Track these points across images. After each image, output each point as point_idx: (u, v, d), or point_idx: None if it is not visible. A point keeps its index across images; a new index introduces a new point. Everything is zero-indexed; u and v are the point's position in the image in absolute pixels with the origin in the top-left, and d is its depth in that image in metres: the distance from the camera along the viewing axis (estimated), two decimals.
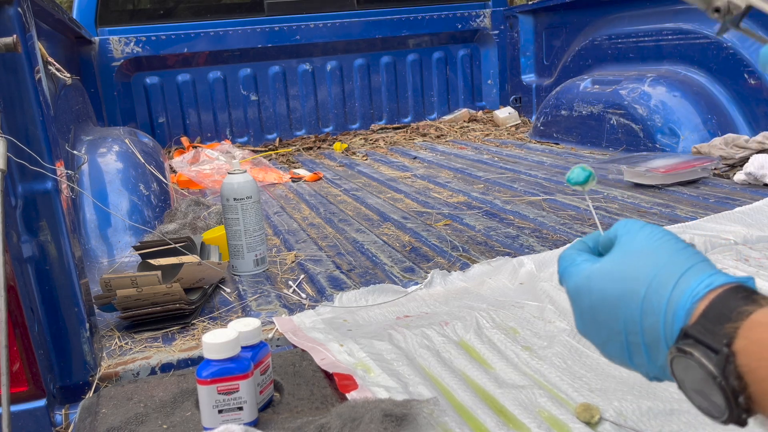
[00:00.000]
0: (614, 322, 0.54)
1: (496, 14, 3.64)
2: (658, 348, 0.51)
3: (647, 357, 0.53)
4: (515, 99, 3.69)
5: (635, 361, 0.54)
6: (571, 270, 0.59)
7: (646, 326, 0.52)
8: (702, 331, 0.47)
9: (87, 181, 1.77)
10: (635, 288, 0.52)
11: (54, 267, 0.97)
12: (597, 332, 0.57)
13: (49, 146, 0.95)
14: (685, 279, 0.51)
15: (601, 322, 0.55)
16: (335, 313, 1.21)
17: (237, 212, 1.44)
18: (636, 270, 0.53)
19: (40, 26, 1.70)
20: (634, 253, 0.55)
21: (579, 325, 0.60)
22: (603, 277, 0.56)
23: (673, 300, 0.50)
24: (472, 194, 2.10)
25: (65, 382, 1.01)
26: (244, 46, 3.28)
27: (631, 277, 0.53)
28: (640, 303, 0.52)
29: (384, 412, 0.77)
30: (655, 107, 2.42)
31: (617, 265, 0.55)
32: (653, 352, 0.52)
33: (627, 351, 0.54)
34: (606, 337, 0.56)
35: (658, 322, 0.51)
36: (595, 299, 0.56)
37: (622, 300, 0.53)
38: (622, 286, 0.53)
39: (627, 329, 0.53)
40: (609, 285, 0.54)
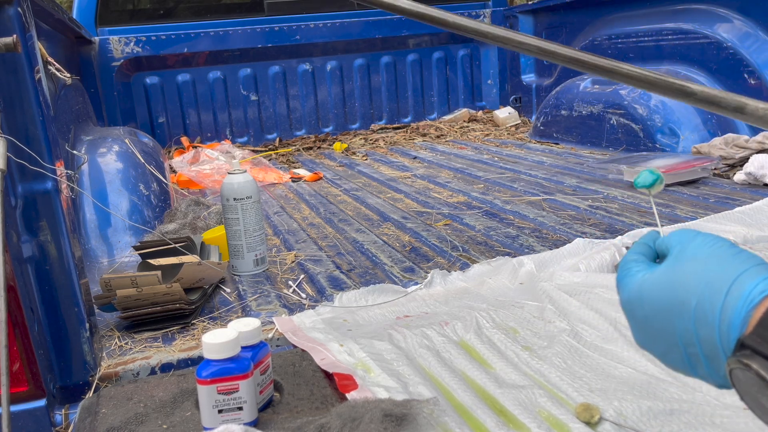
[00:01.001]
0: (670, 334, 0.52)
1: (496, 14, 3.64)
2: (718, 359, 0.49)
3: (708, 368, 0.51)
4: (515, 99, 3.69)
5: (699, 372, 0.52)
6: (625, 281, 0.57)
7: (702, 337, 0.49)
8: (759, 342, 0.45)
9: (87, 181, 1.77)
10: (686, 298, 0.50)
11: (54, 267, 0.97)
12: (655, 344, 0.55)
13: (49, 146, 0.95)
14: (737, 285, 0.48)
15: (657, 334, 0.53)
16: (335, 313, 1.21)
17: (237, 212, 1.44)
18: (687, 278, 0.51)
19: (40, 26, 1.70)
20: (686, 261, 0.53)
21: (636, 337, 0.58)
22: (654, 287, 0.53)
23: (727, 308, 0.48)
24: (472, 194, 2.10)
25: (65, 382, 1.01)
26: (244, 46, 3.28)
27: (681, 287, 0.51)
28: (692, 313, 0.50)
29: (384, 412, 0.77)
30: (655, 107, 2.43)
31: (668, 275, 0.53)
32: (714, 363, 0.50)
33: (688, 362, 0.52)
34: (665, 350, 0.54)
35: (713, 332, 0.48)
36: (648, 311, 0.54)
37: (674, 311, 0.51)
38: (673, 296, 0.51)
39: (684, 341, 0.51)
40: (660, 296, 0.52)
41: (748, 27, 2.27)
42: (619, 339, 1.00)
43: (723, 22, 2.36)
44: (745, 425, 0.76)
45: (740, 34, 2.29)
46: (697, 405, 0.80)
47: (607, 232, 1.57)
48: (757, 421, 0.76)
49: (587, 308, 1.09)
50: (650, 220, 1.64)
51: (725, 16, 2.35)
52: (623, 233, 1.47)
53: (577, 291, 1.16)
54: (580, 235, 1.53)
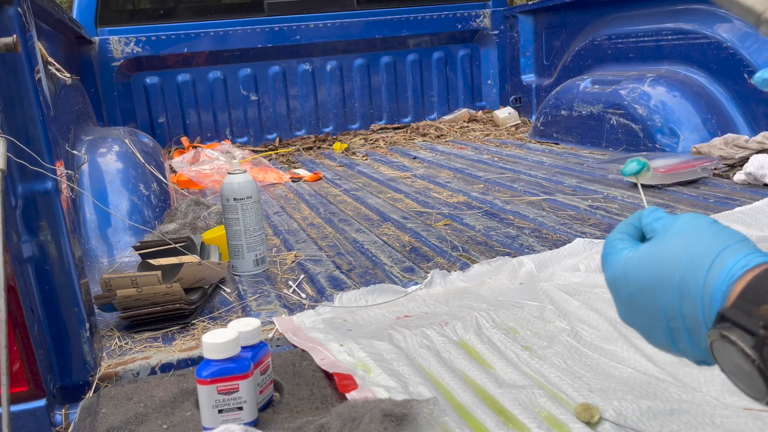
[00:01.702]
0: (654, 309, 0.53)
1: (496, 14, 3.64)
2: (700, 332, 0.50)
3: (690, 342, 0.52)
4: (515, 99, 3.69)
5: (680, 347, 0.53)
6: (610, 259, 0.58)
7: (685, 311, 0.51)
8: (738, 314, 0.46)
9: (87, 181, 1.77)
10: (670, 272, 0.51)
11: (54, 267, 0.97)
12: (639, 320, 0.56)
13: (49, 146, 0.95)
14: (720, 259, 0.49)
15: (641, 310, 0.55)
16: (335, 313, 1.21)
17: (237, 212, 1.44)
18: (671, 254, 0.52)
19: (40, 26, 1.70)
20: (670, 237, 0.54)
21: (621, 313, 0.59)
22: (638, 264, 0.55)
23: (709, 282, 0.49)
24: (472, 194, 2.10)
25: (65, 382, 1.01)
26: (244, 46, 3.28)
27: (666, 262, 0.52)
28: (676, 287, 0.51)
29: (384, 412, 0.77)
30: (655, 107, 2.43)
31: (653, 252, 0.54)
32: (695, 337, 0.51)
33: (670, 337, 0.53)
34: (648, 325, 0.55)
35: (696, 306, 0.50)
36: (632, 287, 0.55)
37: (658, 286, 0.52)
38: (658, 271, 0.52)
39: (667, 316, 0.52)
40: (645, 272, 0.54)
41: (748, 27, 2.27)
42: (619, 339, 1.00)
43: (723, 22, 2.36)
44: (745, 425, 0.76)
45: (740, 34, 2.29)
46: (697, 405, 0.80)
47: (607, 232, 1.57)
48: (757, 421, 0.76)
49: (587, 308, 1.09)
50: None
51: (725, 16, 2.35)
52: None
53: (577, 291, 1.16)
54: (580, 235, 1.53)
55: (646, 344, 0.97)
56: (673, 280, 0.51)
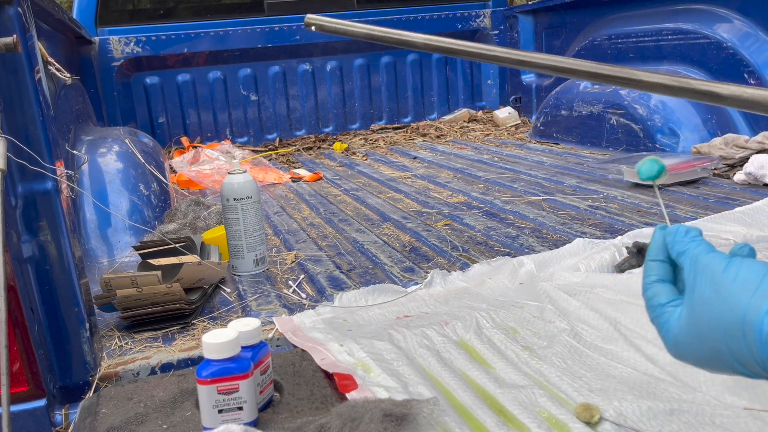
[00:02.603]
0: (724, 356, 0.53)
1: (496, 14, 3.64)
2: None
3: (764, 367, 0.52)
4: (515, 99, 3.69)
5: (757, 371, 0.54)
6: (662, 327, 0.58)
7: (755, 351, 0.50)
8: None
9: (87, 181, 1.77)
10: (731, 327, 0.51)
11: (54, 267, 0.97)
12: (710, 365, 0.56)
13: (49, 146, 0.95)
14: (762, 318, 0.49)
15: (711, 359, 0.54)
16: (335, 313, 1.21)
17: (237, 212, 1.44)
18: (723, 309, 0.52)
19: (40, 26, 1.70)
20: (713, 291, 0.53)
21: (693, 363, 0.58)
22: (696, 328, 0.54)
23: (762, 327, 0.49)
24: (472, 194, 2.10)
25: (65, 382, 1.01)
26: (244, 46, 3.28)
27: (721, 319, 0.52)
28: (741, 336, 0.51)
29: (384, 412, 0.77)
30: (655, 107, 2.43)
31: (703, 312, 0.54)
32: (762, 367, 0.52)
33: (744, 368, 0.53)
34: (720, 367, 0.55)
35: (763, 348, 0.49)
36: (698, 347, 0.55)
37: (722, 340, 0.52)
38: (718, 328, 0.52)
39: (738, 359, 0.52)
40: (707, 332, 0.53)
41: (748, 27, 2.27)
42: (619, 339, 1.00)
43: (723, 22, 2.36)
44: (745, 425, 0.76)
45: (740, 34, 2.29)
46: (697, 405, 0.80)
47: (607, 232, 1.57)
48: (757, 421, 0.76)
49: (587, 308, 1.09)
50: (650, 220, 1.64)
51: (725, 16, 2.35)
52: (623, 233, 1.47)
53: (577, 291, 1.16)
54: (580, 235, 1.53)
55: (646, 344, 0.98)
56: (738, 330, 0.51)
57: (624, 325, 1.04)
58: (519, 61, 1.00)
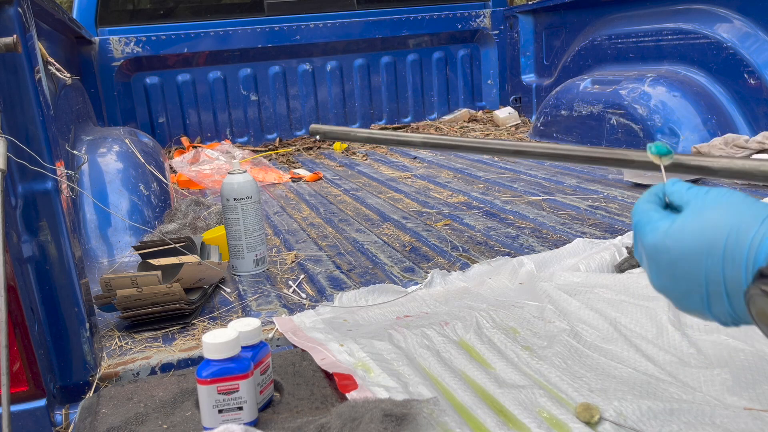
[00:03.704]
0: (695, 275, 0.56)
1: (496, 14, 3.64)
2: (740, 295, 0.54)
3: (729, 305, 0.55)
4: (515, 99, 3.69)
5: (715, 311, 0.57)
6: (647, 228, 0.61)
7: (728, 275, 0.54)
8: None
9: (87, 181, 1.77)
10: (716, 239, 0.55)
11: (54, 267, 0.97)
12: (675, 287, 0.59)
13: (49, 146, 0.95)
14: (764, 226, 0.53)
15: (681, 277, 0.58)
16: (335, 313, 1.21)
17: (237, 212, 1.44)
18: (714, 222, 0.56)
19: (40, 26, 1.70)
20: (709, 208, 0.57)
21: (655, 281, 0.62)
22: (682, 232, 0.58)
23: (754, 245, 0.53)
24: (472, 194, 2.10)
25: (65, 382, 1.01)
26: (244, 46, 3.28)
27: (710, 230, 0.56)
28: (721, 253, 0.54)
29: (384, 412, 0.77)
30: (655, 107, 2.43)
31: (694, 221, 0.57)
32: (735, 300, 0.55)
33: (707, 301, 0.57)
34: (685, 290, 0.58)
35: (740, 268, 0.53)
36: (675, 255, 0.58)
37: (703, 252, 0.56)
38: (702, 239, 0.56)
39: (708, 280, 0.56)
40: (689, 239, 0.57)
41: (748, 27, 2.27)
42: (619, 339, 1.00)
43: (723, 22, 2.36)
44: (745, 425, 0.76)
45: (740, 34, 2.29)
46: (697, 405, 0.80)
47: (607, 232, 1.57)
48: (757, 421, 0.76)
49: (587, 308, 1.09)
50: None
51: (725, 16, 2.35)
52: (623, 233, 1.47)
53: (577, 291, 1.16)
54: (580, 235, 1.53)
55: (647, 344, 0.98)
56: (718, 245, 0.55)
57: (624, 325, 1.04)
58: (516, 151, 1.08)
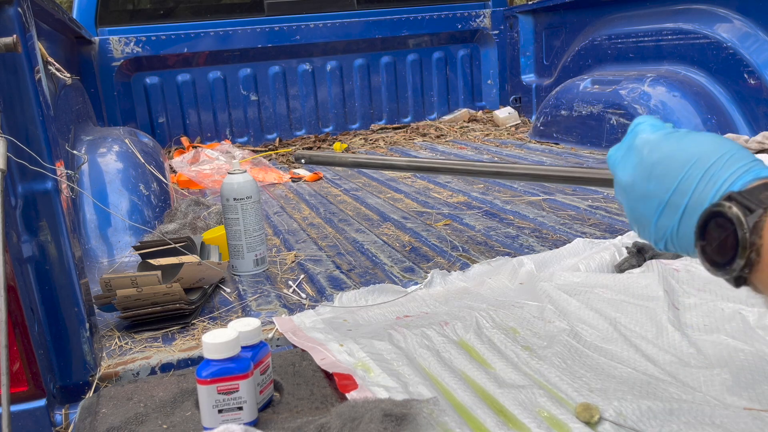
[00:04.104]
0: (668, 180, 0.60)
1: (496, 14, 3.64)
2: (695, 211, 0.58)
3: (678, 219, 0.60)
4: (515, 99, 3.69)
5: (661, 222, 0.61)
6: (649, 125, 0.65)
7: (699, 190, 0.58)
8: (745, 197, 0.53)
9: (87, 181, 1.77)
10: (708, 155, 0.58)
11: (54, 267, 0.97)
12: (642, 185, 0.62)
13: (49, 146, 0.95)
14: (755, 162, 0.57)
15: (654, 177, 0.61)
16: (335, 313, 1.21)
17: (237, 212, 1.44)
18: (714, 143, 0.59)
19: (40, 26, 1.70)
20: (710, 135, 0.61)
21: (625, 174, 0.65)
22: (680, 140, 0.61)
23: (736, 174, 0.57)
24: (472, 194, 2.10)
25: (65, 382, 1.01)
26: (244, 46, 3.28)
27: (707, 146, 0.59)
28: (706, 167, 0.58)
29: (384, 412, 0.77)
30: (655, 107, 2.42)
31: (693, 137, 0.61)
32: (687, 215, 0.59)
33: (660, 210, 0.61)
34: (648, 191, 0.62)
35: (712, 187, 0.57)
36: (664, 155, 0.61)
37: (689, 162, 0.59)
38: (695, 150, 0.59)
39: (678, 189, 0.59)
40: (683, 147, 0.60)
41: (748, 27, 2.27)
42: (618, 339, 1.00)
43: (723, 22, 2.36)
44: (745, 425, 0.76)
45: (740, 34, 2.29)
46: (697, 405, 0.80)
47: (607, 232, 1.57)
48: (757, 421, 0.76)
49: (587, 308, 1.09)
50: None
51: (725, 16, 2.35)
52: (623, 233, 1.47)
53: (577, 291, 1.16)
54: (580, 235, 1.53)
55: (647, 344, 0.98)
56: (707, 160, 0.58)
57: (624, 325, 1.05)
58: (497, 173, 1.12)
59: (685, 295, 1.10)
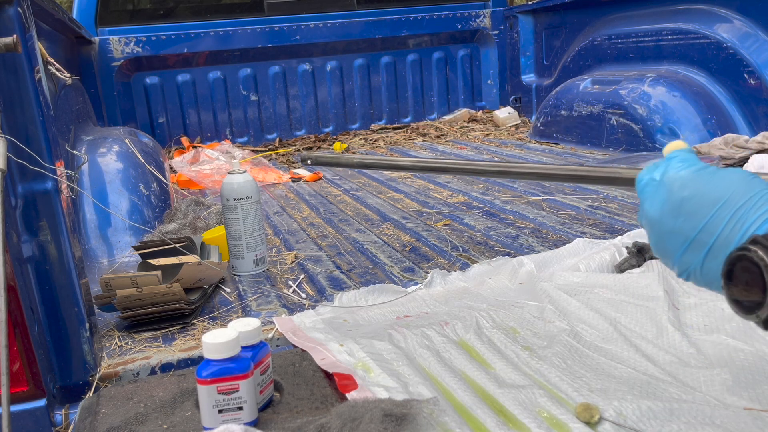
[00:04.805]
0: (696, 218, 0.60)
1: (496, 14, 3.64)
2: (722, 250, 0.58)
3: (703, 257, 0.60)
4: (515, 99, 3.69)
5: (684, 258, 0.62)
6: (682, 160, 0.64)
7: (726, 232, 0.58)
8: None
9: (87, 181, 1.77)
10: (737, 196, 0.59)
11: (54, 267, 0.97)
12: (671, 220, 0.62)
13: (49, 146, 0.95)
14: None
15: (683, 214, 0.61)
16: (335, 313, 1.21)
17: (237, 212, 1.44)
18: (742, 185, 0.59)
19: (40, 26, 1.70)
20: (741, 173, 0.61)
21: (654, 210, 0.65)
22: (710, 178, 0.61)
23: (764, 216, 0.57)
24: (472, 194, 2.10)
25: (65, 382, 1.01)
26: (244, 46, 3.28)
27: (735, 188, 0.59)
28: (734, 210, 0.58)
29: (384, 412, 0.77)
30: (655, 107, 2.42)
31: (724, 176, 0.61)
32: (712, 255, 0.59)
33: (685, 246, 0.61)
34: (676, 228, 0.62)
35: (740, 230, 0.57)
36: (693, 192, 0.61)
37: (719, 201, 0.59)
38: (724, 191, 0.60)
39: (705, 228, 0.60)
40: (712, 187, 0.60)
41: (748, 27, 2.27)
42: (619, 339, 1.00)
43: (723, 22, 2.36)
44: (745, 425, 0.76)
45: (740, 34, 2.29)
46: (697, 405, 0.80)
47: (607, 232, 1.57)
48: (757, 421, 0.76)
49: (587, 308, 1.09)
50: None
51: (725, 16, 2.35)
52: (623, 233, 1.47)
53: (577, 291, 1.16)
54: (580, 235, 1.53)
55: (647, 344, 0.98)
56: (736, 202, 0.59)
57: (624, 325, 1.04)
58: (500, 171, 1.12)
59: (685, 295, 1.10)
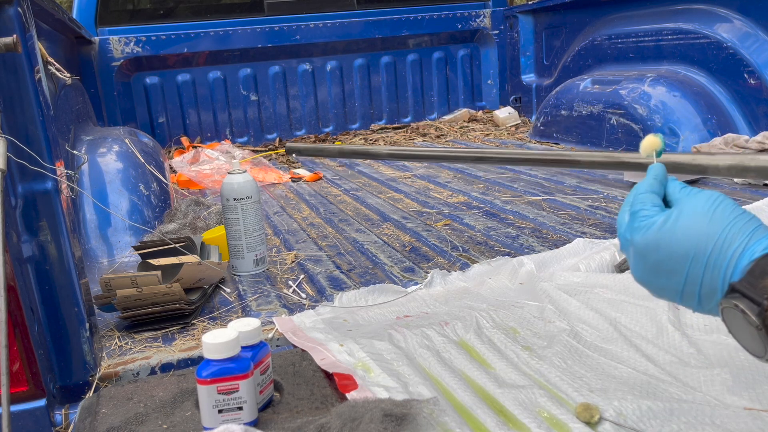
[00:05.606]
0: (676, 275, 0.62)
1: (496, 14, 3.64)
2: (711, 298, 0.61)
3: (698, 303, 0.62)
4: (515, 99, 3.69)
5: (685, 303, 0.64)
6: (640, 226, 0.65)
7: (706, 280, 0.60)
8: (747, 286, 0.56)
9: (87, 181, 1.77)
10: (702, 247, 0.60)
11: (54, 267, 0.97)
12: (655, 281, 0.64)
13: (49, 146, 0.95)
14: (748, 237, 0.59)
15: (663, 274, 0.63)
16: (335, 313, 1.21)
17: (237, 212, 1.44)
18: (703, 230, 0.61)
19: (40, 26, 1.70)
20: (698, 215, 0.62)
21: (638, 274, 0.67)
22: (672, 237, 0.62)
23: (734, 259, 0.59)
24: (472, 194, 2.10)
25: (65, 382, 1.01)
26: (244, 46, 3.28)
27: (697, 238, 0.61)
28: (704, 261, 0.60)
29: (384, 412, 0.77)
30: (655, 107, 2.42)
31: (684, 227, 0.62)
32: (705, 300, 0.62)
33: (681, 297, 0.63)
34: (663, 285, 0.64)
35: (717, 278, 0.60)
36: (663, 255, 0.63)
37: (688, 257, 0.61)
38: (689, 245, 0.61)
39: (687, 281, 0.62)
40: (678, 244, 0.62)
41: (748, 27, 2.27)
42: (619, 339, 1.00)
43: (723, 22, 2.36)
44: (745, 425, 0.76)
45: (740, 34, 2.29)
46: (697, 405, 0.80)
47: (607, 232, 1.57)
48: (757, 421, 0.76)
49: (587, 308, 1.09)
50: None
51: (725, 16, 2.35)
52: None
53: (577, 291, 1.16)
54: (580, 235, 1.53)
55: (647, 344, 0.98)
56: (703, 253, 0.60)
57: (624, 325, 1.04)
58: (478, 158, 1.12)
59: None
